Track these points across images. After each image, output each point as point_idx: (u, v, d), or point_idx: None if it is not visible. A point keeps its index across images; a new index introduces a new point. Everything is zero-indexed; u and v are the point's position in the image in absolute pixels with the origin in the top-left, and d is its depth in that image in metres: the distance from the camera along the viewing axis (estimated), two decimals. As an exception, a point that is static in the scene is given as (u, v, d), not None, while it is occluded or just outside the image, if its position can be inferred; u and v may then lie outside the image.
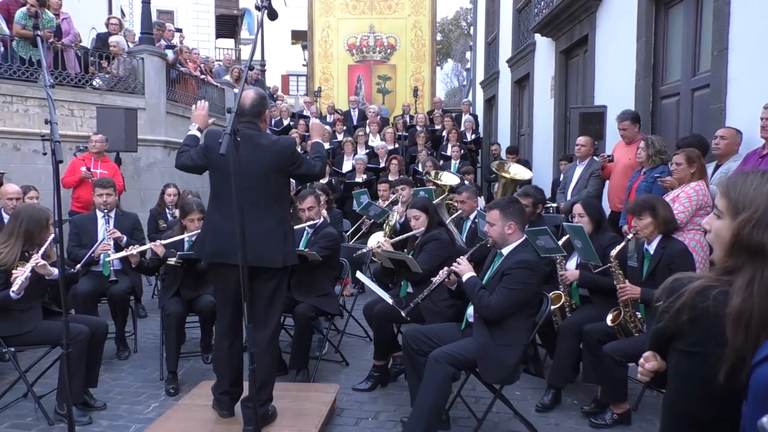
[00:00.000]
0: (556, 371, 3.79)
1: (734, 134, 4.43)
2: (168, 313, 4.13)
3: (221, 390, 3.27)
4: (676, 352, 1.47)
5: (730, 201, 1.44)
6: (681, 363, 1.45)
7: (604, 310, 3.64)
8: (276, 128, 11.17)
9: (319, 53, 15.48)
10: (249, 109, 3.19)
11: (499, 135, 13.35)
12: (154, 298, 6.50)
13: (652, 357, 1.58)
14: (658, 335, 1.51)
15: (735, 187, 1.46)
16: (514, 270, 3.12)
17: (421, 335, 3.42)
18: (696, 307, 1.38)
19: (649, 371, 1.58)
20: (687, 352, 1.42)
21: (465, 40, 29.77)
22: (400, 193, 6.45)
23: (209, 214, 3.25)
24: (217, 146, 2.56)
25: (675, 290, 1.44)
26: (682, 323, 1.40)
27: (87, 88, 8.75)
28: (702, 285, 1.39)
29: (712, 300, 1.35)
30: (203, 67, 12.04)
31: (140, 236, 5.20)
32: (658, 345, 1.56)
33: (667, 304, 1.43)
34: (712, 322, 1.34)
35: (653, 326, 1.55)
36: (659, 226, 3.52)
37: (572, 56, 8.99)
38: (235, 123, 2.31)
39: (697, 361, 1.40)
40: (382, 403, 3.85)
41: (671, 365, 1.51)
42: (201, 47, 18.55)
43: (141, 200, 8.89)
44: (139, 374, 4.37)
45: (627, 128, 5.59)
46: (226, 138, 2.22)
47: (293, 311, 4.13)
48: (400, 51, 15.33)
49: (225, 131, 2.25)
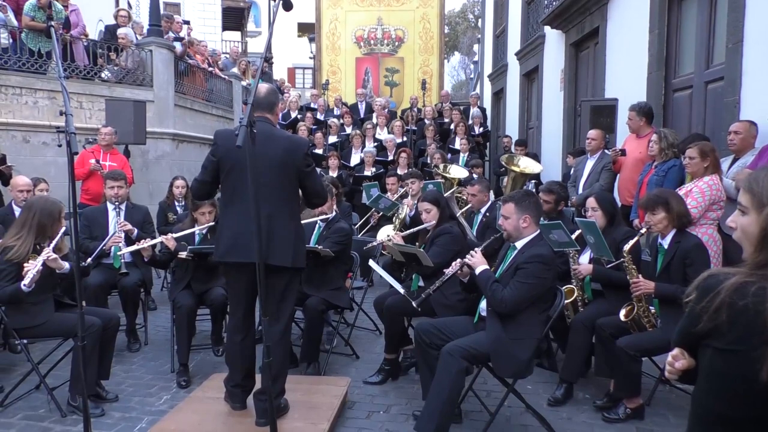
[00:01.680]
0: (568, 365, 3.78)
1: (748, 128, 4.37)
2: (179, 306, 4.13)
3: (234, 383, 3.28)
4: (710, 349, 1.43)
5: (754, 195, 1.42)
6: (716, 361, 1.42)
7: (617, 304, 3.62)
8: (283, 121, 11.14)
9: (327, 46, 15.42)
10: (264, 99, 3.16)
11: (508, 128, 13.29)
12: (164, 290, 6.53)
13: (681, 355, 1.55)
14: (690, 333, 1.47)
15: (758, 181, 1.44)
16: (528, 264, 3.10)
17: (433, 328, 3.41)
18: (735, 305, 1.34)
19: (679, 370, 1.55)
20: (724, 350, 1.39)
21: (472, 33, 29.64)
22: (410, 186, 6.43)
23: (221, 218, 3.23)
24: (229, 144, 2.54)
25: (710, 288, 1.40)
26: (721, 322, 1.37)
27: (95, 80, 8.75)
28: (739, 281, 1.36)
29: (751, 297, 1.32)
30: (210, 60, 12.03)
31: (151, 229, 5.21)
32: (688, 342, 1.53)
33: (704, 304, 1.39)
34: (752, 319, 1.31)
35: (682, 323, 1.52)
36: (673, 221, 3.49)
37: (583, 48, 8.91)
38: (252, 115, 2.29)
39: (735, 360, 1.36)
40: (393, 397, 3.85)
41: (704, 363, 1.47)
42: (208, 40, 18.48)
43: (150, 193, 8.91)
44: (150, 367, 4.38)
45: (632, 118, 5.55)
46: (243, 130, 2.20)
47: (304, 305, 4.13)
48: (408, 43, 15.26)
49: (241, 123, 2.22)
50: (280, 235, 3.07)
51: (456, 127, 10.36)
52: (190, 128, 10.24)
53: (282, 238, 3.07)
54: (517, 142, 10.01)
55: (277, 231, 3.06)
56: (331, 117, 11.35)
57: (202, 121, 10.73)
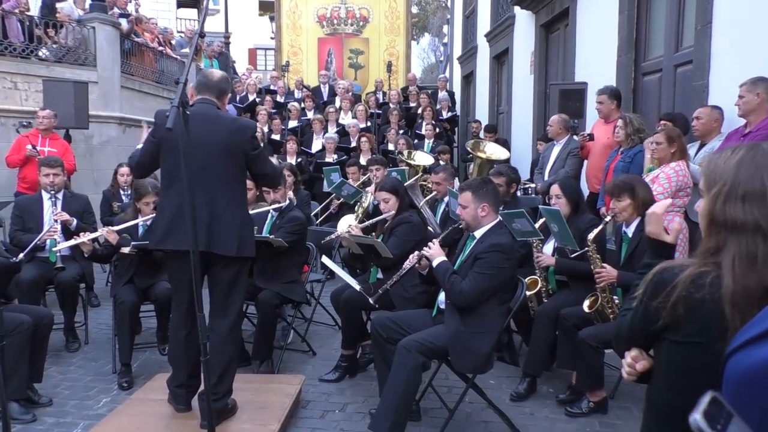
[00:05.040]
0: (531, 359, 3.82)
1: (709, 112, 4.43)
2: (121, 301, 4.04)
3: (177, 383, 3.21)
4: (667, 343, 1.44)
5: (706, 178, 1.43)
6: (673, 354, 1.43)
7: (582, 294, 3.66)
8: (241, 104, 10.97)
9: (287, 25, 15.18)
10: (214, 84, 3.15)
11: (477, 113, 13.34)
12: (108, 285, 6.36)
13: (641, 356, 1.55)
14: (647, 332, 1.48)
15: (710, 163, 1.45)
16: (487, 254, 3.10)
17: (390, 322, 3.40)
18: (692, 297, 1.35)
19: (640, 372, 1.54)
20: (683, 342, 1.40)
21: (442, 13, 29.58)
22: (374, 174, 6.37)
23: (160, 202, 3.19)
24: (164, 122, 2.48)
25: (665, 282, 1.41)
26: (679, 315, 1.38)
27: (32, 58, 8.45)
28: (694, 273, 1.37)
29: (708, 288, 1.33)
30: (162, 39, 11.76)
31: (91, 219, 5.06)
32: (645, 339, 1.52)
33: (661, 299, 1.40)
34: (710, 310, 1.32)
35: (636, 321, 1.51)
36: (638, 208, 3.53)
37: (553, 30, 8.97)
38: (184, 95, 2.22)
39: (694, 352, 1.37)
40: (350, 395, 3.84)
41: (660, 357, 1.48)
42: (160, 17, 18.07)
43: (94, 181, 8.69)
44: (89, 367, 4.28)
45: (603, 102, 5.60)
46: (174, 111, 2.13)
47: (256, 299, 4.08)
48: (374, 23, 15.12)
49: (172, 103, 2.15)
50: (223, 222, 3.02)
51: (423, 111, 10.34)
52: (138, 112, 10.01)
53: (226, 225, 3.03)
54: (487, 128, 10.06)
55: (221, 218, 3.01)
56: (291, 100, 11.21)
57: (151, 104, 10.48)
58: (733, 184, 1.35)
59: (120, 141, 9.31)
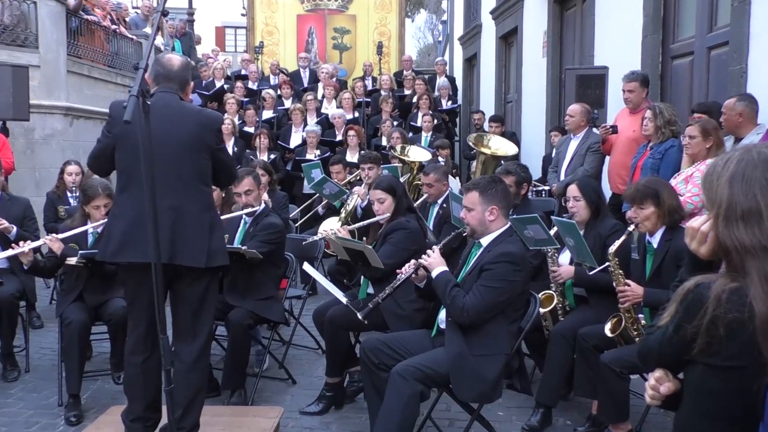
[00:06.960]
0: (545, 386, 3.83)
1: (732, 105, 4.37)
2: (68, 322, 4.04)
3: (134, 416, 3.20)
4: (702, 367, 1.47)
5: (705, 198, 1.53)
6: (709, 379, 1.46)
7: (604, 311, 3.68)
8: (206, 91, 10.97)
9: (261, 0, 15.21)
10: (176, 73, 3.18)
11: (482, 102, 13.41)
12: (53, 304, 6.34)
13: (666, 377, 1.58)
14: (680, 356, 1.51)
15: (705, 181, 1.54)
16: (494, 264, 3.13)
17: (383, 345, 3.41)
18: (729, 316, 1.40)
19: (664, 395, 1.58)
20: (721, 367, 1.43)
21: (441, -13, 29.72)
22: (366, 173, 6.36)
23: (114, 207, 3.21)
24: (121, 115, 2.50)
25: (702, 299, 1.45)
26: (717, 337, 1.41)
27: (-38, 39, 8.43)
28: (732, 288, 1.41)
29: (749, 306, 1.38)
30: (115, 16, 11.78)
31: (33, 226, 5.09)
32: (674, 361, 1.56)
33: (697, 321, 1.44)
34: (752, 332, 1.37)
35: (667, 342, 1.55)
36: (662, 217, 3.54)
37: (568, 7, 9.06)
38: (144, 83, 2.23)
39: (735, 376, 1.41)
40: (336, 429, 3.85)
41: (693, 382, 1.51)
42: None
43: (36, 181, 8.68)
44: (31, 399, 4.27)
45: (635, 90, 5.64)
46: (132, 101, 2.14)
47: (226, 318, 4.08)
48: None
49: (131, 92, 2.16)
50: (190, 229, 3.04)
51: (419, 100, 10.39)
52: (88, 100, 10.00)
53: (193, 231, 3.04)
54: (492, 118, 10.11)
55: (186, 224, 3.03)
56: (266, 87, 11.22)
57: (103, 92, 10.49)
58: (729, 205, 1.44)
59: (66, 135, 9.29)
